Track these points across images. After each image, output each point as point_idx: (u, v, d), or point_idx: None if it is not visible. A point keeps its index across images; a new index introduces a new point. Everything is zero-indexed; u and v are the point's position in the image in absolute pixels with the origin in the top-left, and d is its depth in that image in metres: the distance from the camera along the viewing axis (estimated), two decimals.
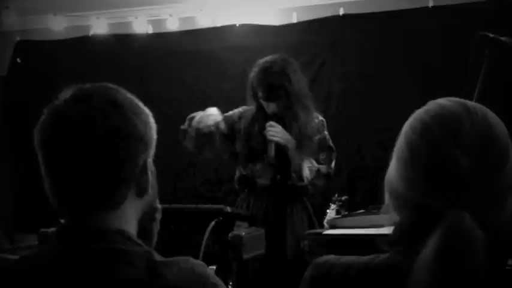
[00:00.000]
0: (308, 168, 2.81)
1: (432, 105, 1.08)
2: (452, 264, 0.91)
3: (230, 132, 2.97)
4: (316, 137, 2.90)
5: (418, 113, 1.08)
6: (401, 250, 1.04)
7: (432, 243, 0.94)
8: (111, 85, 1.09)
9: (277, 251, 2.70)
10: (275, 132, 2.78)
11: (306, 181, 2.82)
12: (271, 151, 2.77)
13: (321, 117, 2.96)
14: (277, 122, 2.82)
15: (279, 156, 2.81)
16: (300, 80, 2.85)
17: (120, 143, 1.02)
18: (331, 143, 2.93)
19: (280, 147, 2.80)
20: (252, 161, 2.95)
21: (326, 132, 2.94)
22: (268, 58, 2.86)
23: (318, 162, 2.87)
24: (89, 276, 0.98)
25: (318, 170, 2.83)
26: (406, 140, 1.05)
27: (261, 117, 2.90)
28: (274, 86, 2.77)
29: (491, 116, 1.04)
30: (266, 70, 2.80)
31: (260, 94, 2.83)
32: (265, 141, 2.82)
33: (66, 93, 1.06)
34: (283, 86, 2.77)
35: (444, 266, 0.91)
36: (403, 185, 1.04)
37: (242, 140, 2.97)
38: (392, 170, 1.08)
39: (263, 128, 2.83)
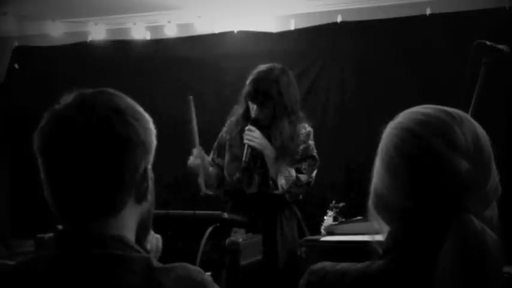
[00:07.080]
0: (285, 178, 2.79)
1: (411, 114, 1.08)
2: (474, 268, 0.92)
3: (221, 150, 3.02)
4: (301, 147, 2.87)
5: (399, 123, 1.08)
6: (396, 257, 1.04)
7: (448, 250, 0.94)
8: (112, 91, 1.09)
9: (269, 259, 2.68)
10: (252, 136, 2.81)
11: (281, 189, 2.80)
12: (246, 155, 2.80)
13: (308, 128, 2.94)
14: (259, 129, 2.83)
15: (254, 161, 2.86)
16: (291, 94, 2.86)
17: (123, 150, 1.02)
18: (314, 153, 2.90)
19: (256, 153, 2.84)
20: (237, 170, 2.92)
21: (311, 142, 2.91)
22: (269, 65, 2.90)
23: (300, 171, 2.84)
24: (87, 281, 0.97)
25: (298, 179, 2.81)
26: (397, 151, 1.05)
27: (245, 119, 2.92)
28: (260, 90, 2.80)
29: (471, 119, 1.07)
30: (260, 73, 2.84)
31: (247, 91, 2.86)
32: (243, 144, 2.85)
33: (67, 98, 1.05)
34: (270, 94, 2.80)
35: (466, 272, 0.92)
36: (398, 195, 1.05)
37: (227, 148, 2.99)
38: (383, 183, 1.08)
39: (243, 131, 2.86)
